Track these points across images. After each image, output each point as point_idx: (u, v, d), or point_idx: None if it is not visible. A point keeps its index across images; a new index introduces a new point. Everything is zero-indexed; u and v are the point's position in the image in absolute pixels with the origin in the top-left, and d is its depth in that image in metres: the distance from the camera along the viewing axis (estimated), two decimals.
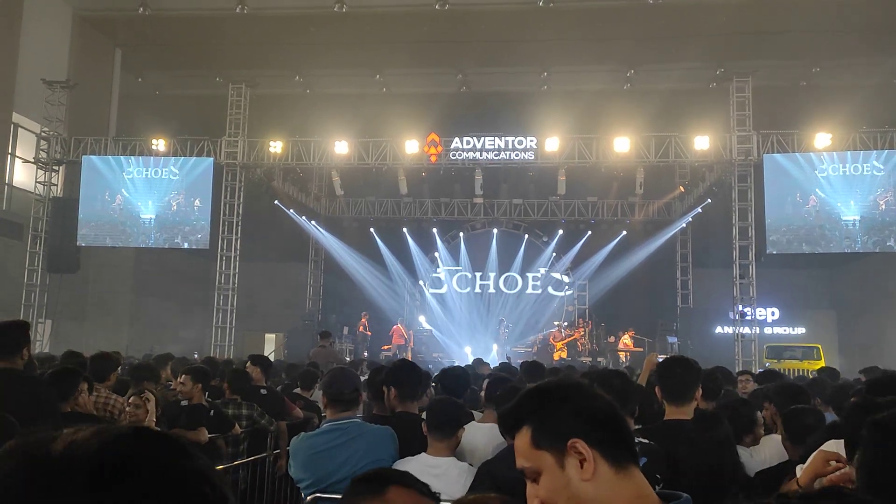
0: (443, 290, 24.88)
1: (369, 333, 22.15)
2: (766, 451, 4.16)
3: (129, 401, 5.65)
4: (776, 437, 4.27)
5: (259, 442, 6.26)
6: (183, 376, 5.91)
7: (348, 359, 16.21)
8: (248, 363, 7.24)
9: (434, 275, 25.05)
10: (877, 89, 20.26)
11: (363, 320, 22.35)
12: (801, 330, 23.40)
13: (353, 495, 1.71)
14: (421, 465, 3.57)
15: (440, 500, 1.80)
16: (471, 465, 3.76)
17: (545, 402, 1.55)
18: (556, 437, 1.48)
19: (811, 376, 12.44)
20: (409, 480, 1.71)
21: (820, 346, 19.47)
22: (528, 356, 19.08)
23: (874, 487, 1.79)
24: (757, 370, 15.79)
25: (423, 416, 3.96)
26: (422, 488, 1.70)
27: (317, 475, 3.58)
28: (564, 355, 20.66)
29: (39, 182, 20.15)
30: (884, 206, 17.51)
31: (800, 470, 3.34)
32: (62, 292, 19.70)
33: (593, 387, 1.65)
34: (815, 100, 20.08)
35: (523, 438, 1.53)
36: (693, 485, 3.25)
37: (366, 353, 19.93)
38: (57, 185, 20.53)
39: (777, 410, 4.48)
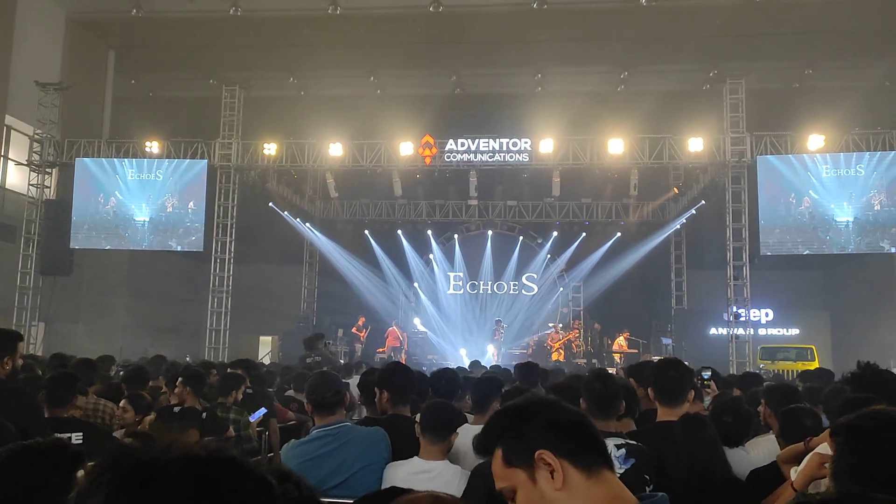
0: (437, 292, 24.86)
1: (360, 335, 21.97)
2: (760, 450, 4.18)
3: (120, 405, 5.64)
4: (772, 437, 4.29)
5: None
6: (179, 380, 5.90)
7: (342, 361, 16.16)
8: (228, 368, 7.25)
9: (428, 277, 25.03)
10: (869, 91, 20.33)
11: (359, 322, 22.24)
12: (795, 331, 23.41)
13: None
14: (413, 469, 3.57)
15: None
16: (463, 467, 3.75)
17: (512, 421, 1.60)
18: (525, 452, 1.52)
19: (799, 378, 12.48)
20: None
21: (814, 347, 19.51)
22: (524, 358, 19.10)
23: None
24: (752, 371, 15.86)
25: (417, 418, 3.96)
26: None
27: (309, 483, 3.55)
28: (561, 357, 20.68)
29: (32, 185, 20.07)
30: (878, 208, 17.57)
31: (794, 473, 3.35)
32: (55, 295, 19.62)
33: (558, 400, 1.69)
34: (808, 102, 20.12)
35: (497, 460, 1.57)
36: (681, 486, 3.27)
37: (355, 356, 19.85)
38: (50, 188, 20.46)
39: (771, 411, 4.50)
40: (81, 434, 4.22)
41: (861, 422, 1.89)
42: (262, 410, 6.36)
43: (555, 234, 24.47)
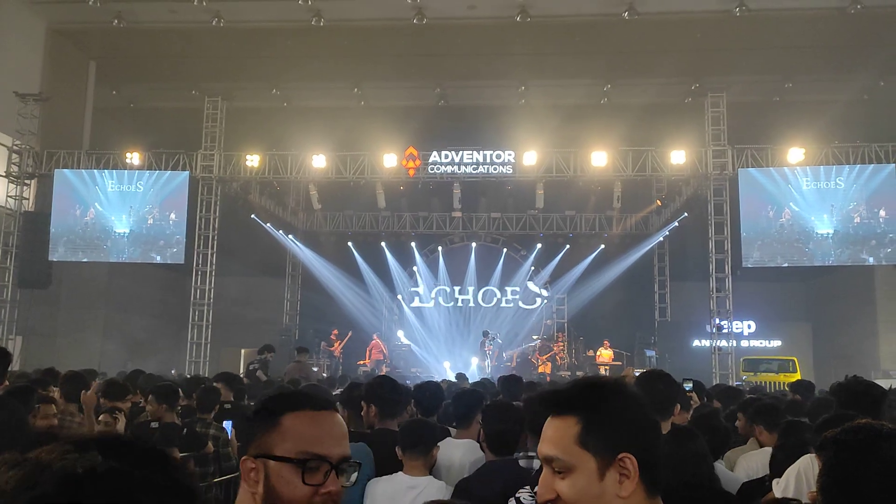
0: (421, 305, 24.75)
1: (333, 349, 21.67)
2: (748, 464, 4.16)
3: (100, 419, 5.50)
4: (765, 451, 4.28)
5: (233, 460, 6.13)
6: (149, 397, 5.76)
7: (325, 374, 16.03)
8: (216, 382, 7.15)
9: (412, 289, 24.95)
10: (848, 105, 20.59)
11: (331, 336, 21.89)
12: (776, 343, 23.58)
13: (251, 434, 1.52)
14: (399, 485, 3.51)
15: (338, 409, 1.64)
16: (447, 481, 3.70)
17: (603, 402, 1.45)
18: (609, 445, 1.41)
19: (786, 388, 12.53)
20: (299, 402, 1.51)
21: (796, 359, 19.62)
22: (508, 370, 19.03)
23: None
24: (734, 383, 15.92)
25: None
26: (315, 404, 1.51)
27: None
28: (548, 370, 20.63)
29: (11, 196, 19.81)
30: (858, 220, 17.76)
31: (776, 484, 3.33)
32: (33, 308, 19.34)
33: (644, 398, 1.55)
34: (788, 115, 20.35)
35: (567, 429, 1.42)
36: (669, 499, 3.22)
37: (338, 370, 19.64)
38: (28, 200, 20.20)
39: (750, 423, 4.52)
40: None
41: (847, 436, 1.91)
42: (229, 424, 6.24)
43: (538, 246, 24.50)
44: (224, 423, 6.16)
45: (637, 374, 6.01)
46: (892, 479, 1.79)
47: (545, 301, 24.57)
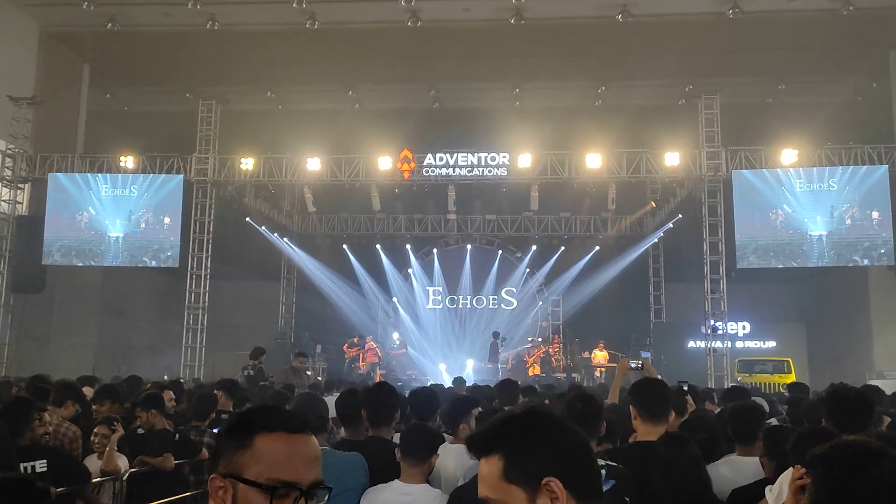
0: (416, 307, 24.74)
1: (351, 350, 21.56)
2: (749, 469, 4.17)
3: (95, 430, 5.49)
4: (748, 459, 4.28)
5: None
6: (136, 409, 5.71)
7: (319, 378, 15.98)
8: (216, 389, 7.09)
9: (407, 291, 24.92)
10: (841, 106, 20.67)
11: (354, 340, 21.76)
12: (771, 344, 23.61)
13: (222, 450, 1.47)
14: (394, 493, 3.51)
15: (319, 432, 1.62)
16: (441, 488, 3.69)
17: (520, 434, 1.49)
18: (530, 474, 1.44)
19: (782, 390, 12.58)
20: (274, 422, 1.45)
21: (790, 360, 19.67)
22: (503, 373, 19.07)
23: None
24: (729, 384, 15.97)
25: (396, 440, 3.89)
26: (290, 426, 1.46)
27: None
28: (538, 370, 20.65)
29: (4, 200, 19.73)
30: (849, 222, 17.83)
31: (769, 491, 3.34)
32: (27, 313, 19.26)
33: (569, 420, 1.61)
34: (781, 117, 20.40)
35: (492, 468, 1.47)
36: None
37: (318, 376, 19.58)
38: (22, 204, 20.14)
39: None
40: (45, 462, 4.08)
41: (836, 453, 1.92)
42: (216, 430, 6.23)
43: (534, 248, 24.53)
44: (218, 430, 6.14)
45: (632, 366, 6.02)
46: (883, 497, 1.79)
47: (540, 303, 24.59)
